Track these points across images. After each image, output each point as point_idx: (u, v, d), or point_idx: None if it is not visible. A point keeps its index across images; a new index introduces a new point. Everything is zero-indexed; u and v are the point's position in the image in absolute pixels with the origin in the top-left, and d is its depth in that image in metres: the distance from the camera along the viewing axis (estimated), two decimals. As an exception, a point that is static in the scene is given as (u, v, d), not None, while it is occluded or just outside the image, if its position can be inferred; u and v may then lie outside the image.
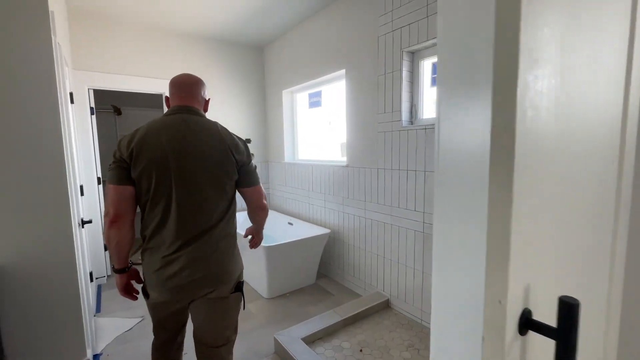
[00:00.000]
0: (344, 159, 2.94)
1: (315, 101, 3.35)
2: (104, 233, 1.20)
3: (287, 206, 3.69)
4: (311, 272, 2.95)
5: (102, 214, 3.09)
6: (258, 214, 1.39)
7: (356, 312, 2.28)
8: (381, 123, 2.40)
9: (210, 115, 3.36)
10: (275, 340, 1.99)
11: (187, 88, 1.27)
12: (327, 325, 2.12)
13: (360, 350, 1.96)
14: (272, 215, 3.75)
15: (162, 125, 1.17)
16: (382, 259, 2.52)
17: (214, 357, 1.31)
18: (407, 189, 2.25)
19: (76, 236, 1.66)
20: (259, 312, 2.48)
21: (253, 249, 1.64)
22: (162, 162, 1.12)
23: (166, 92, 3.27)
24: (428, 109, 2.24)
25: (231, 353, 1.36)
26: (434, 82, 2.17)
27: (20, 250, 1.45)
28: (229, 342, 1.33)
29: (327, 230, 2.90)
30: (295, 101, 3.66)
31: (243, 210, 1.89)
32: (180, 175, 1.13)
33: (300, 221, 3.34)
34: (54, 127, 1.49)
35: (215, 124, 1.26)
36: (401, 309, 2.38)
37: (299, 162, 3.47)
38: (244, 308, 1.35)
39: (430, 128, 2.06)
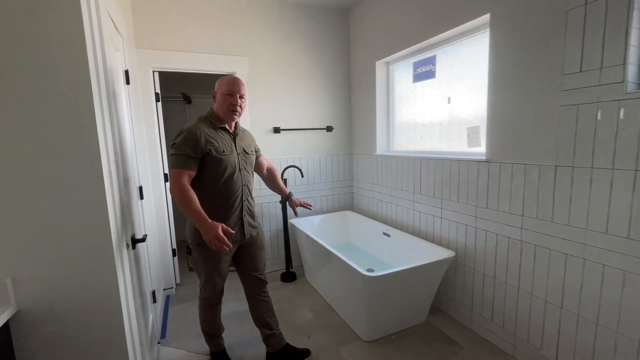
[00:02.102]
0: (480, 149, 2.02)
1: (424, 72, 2.47)
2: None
3: (379, 210, 2.91)
4: (423, 306, 2.14)
5: (172, 213, 2.69)
6: None
7: (523, 398, 1.41)
8: (569, 91, 1.43)
9: (280, 99, 2.66)
10: None
11: None
12: (482, 422, 1.30)
13: None
14: (359, 220, 3.02)
15: None
16: (551, 307, 1.59)
17: None
18: (623, 200, 1.29)
19: (120, 262, 1.12)
20: (358, 366, 1.77)
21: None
22: None
23: (238, 70, 2.71)
24: (684, 58, 1.21)
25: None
26: None
27: (39, 289, 1.00)
28: None
29: (451, 254, 2.04)
30: (393, 75, 2.82)
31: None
32: None
33: (401, 232, 2.54)
34: (85, 115, 0.97)
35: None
36: (600, 399, 1.44)
37: (398, 155, 2.64)
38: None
39: None
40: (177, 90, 3.70)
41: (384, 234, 2.69)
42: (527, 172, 1.65)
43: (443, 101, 2.33)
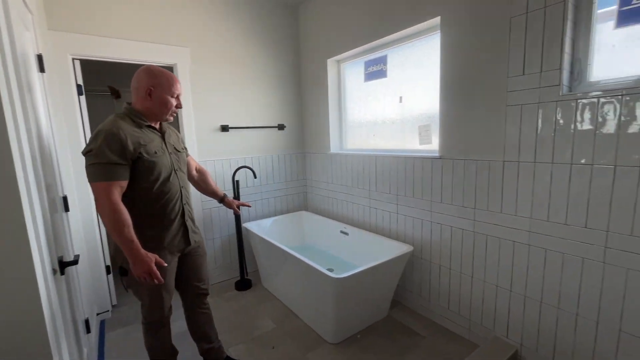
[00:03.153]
0: (432, 147, 2.12)
1: (375, 71, 2.51)
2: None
3: (335, 208, 2.90)
4: (385, 302, 2.18)
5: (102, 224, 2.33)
6: None
7: (485, 379, 1.51)
8: (515, 92, 1.56)
9: (228, 96, 2.52)
10: None
11: None
12: (454, 409, 1.36)
13: None
14: (315, 220, 2.98)
15: None
16: (502, 291, 1.73)
17: None
18: (561, 191, 1.45)
19: (46, 293, 0.90)
20: (329, 372, 1.72)
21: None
22: None
23: (179, 62, 2.44)
24: (604, 65, 1.40)
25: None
26: (623, 19, 1.33)
27: None
28: None
29: (409, 248, 2.10)
30: (344, 73, 2.82)
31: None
32: None
33: (358, 230, 2.56)
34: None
35: None
36: (545, 369, 1.61)
37: (353, 153, 2.65)
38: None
39: (616, 95, 1.23)
40: (106, 83, 3.21)
41: (342, 232, 2.69)
42: (477, 167, 1.76)
43: (395, 100, 2.39)
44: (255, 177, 2.67)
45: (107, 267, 2.35)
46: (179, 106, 1.41)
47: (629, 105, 1.23)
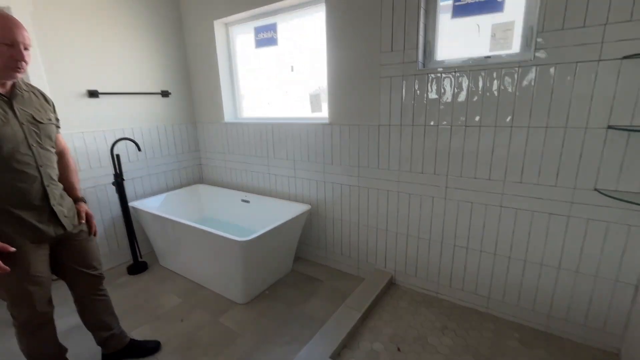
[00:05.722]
0: (321, 114, 2.32)
1: (266, 38, 2.52)
2: None
3: (233, 179, 2.90)
4: (289, 258, 2.39)
5: None
6: None
7: (371, 300, 1.89)
8: (386, 66, 1.86)
9: (94, 55, 2.19)
10: (297, 370, 1.45)
11: None
12: (349, 328, 1.68)
13: (399, 350, 1.62)
14: (213, 192, 2.93)
15: None
16: (380, 232, 2.15)
17: None
18: (418, 147, 1.86)
19: None
20: (241, 328, 1.84)
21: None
22: None
23: (13, 3, 1.91)
24: (445, 48, 1.80)
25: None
26: (456, 12, 1.72)
27: None
28: None
29: (306, 207, 2.33)
30: (234, 38, 2.72)
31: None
32: None
33: (259, 196, 2.66)
34: None
35: None
36: (411, 284, 2.11)
37: (248, 122, 2.66)
38: None
39: (451, 72, 1.64)
40: None
41: (243, 200, 2.74)
42: (359, 131, 2.06)
43: (287, 69, 2.48)
44: (139, 149, 2.41)
45: None
46: (19, 58, 1.11)
47: (459, 80, 1.65)
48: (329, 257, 2.47)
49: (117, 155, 2.33)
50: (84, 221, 1.41)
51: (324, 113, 2.30)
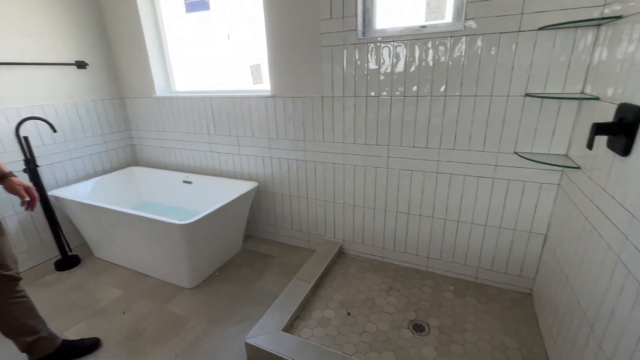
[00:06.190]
0: (263, 87, 2.21)
1: (196, 1, 2.28)
2: None
3: (172, 159, 2.70)
4: (238, 237, 2.34)
5: None
6: None
7: (321, 270, 1.95)
8: (326, 34, 1.80)
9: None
10: (250, 347, 1.46)
11: None
12: (301, 299, 1.72)
13: (348, 314, 1.70)
14: (150, 174, 2.71)
15: None
16: (328, 204, 2.18)
17: None
18: (361, 118, 1.87)
19: None
20: (191, 313, 1.78)
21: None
22: None
23: None
24: (384, 17, 1.78)
25: None
26: (393, -22, 1.70)
27: None
28: None
29: (253, 184, 2.26)
30: (158, 1, 2.41)
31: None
32: None
33: (202, 176, 2.52)
34: None
35: None
36: (359, 252, 2.21)
37: (184, 95, 2.45)
38: None
39: (389, 41, 1.65)
40: None
41: (185, 182, 2.57)
42: (303, 103, 2.01)
43: (223, 37, 2.29)
44: (54, 130, 2.10)
45: None
46: None
47: (397, 50, 1.66)
48: (280, 233, 2.46)
49: (25, 138, 2.00)
50: (27, 198, 1.29)
51: (266, 85, 2.20)
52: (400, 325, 1.61)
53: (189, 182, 2.56)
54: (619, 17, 1.11)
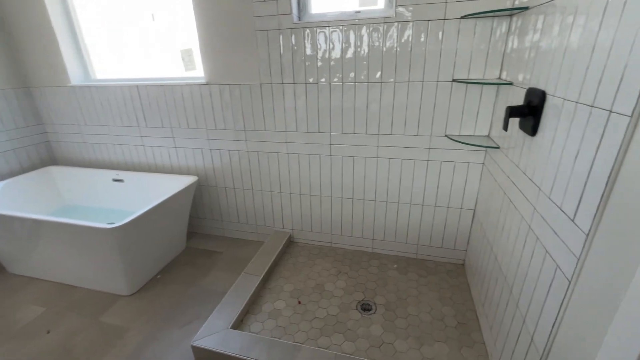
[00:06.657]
0: (197, 73, 2.06)
1: (111, -24, 2.01)
2: None
3: (98, 155, 2.43)
4: (180, 236, 2.21)
5: None
6: None
7: (270, 262, 1.92)
8: (260, 17, 1.71)
9: None
10: (197, 349, 1.39)
11: None
12: (250, 293, 1.68)
13: (299, 302, 1.71)
14: (73, 174, 2.42)
15: None
16: (275, 194, 2.15)
17: None
18: (301, 106, 1.85)
19: None
20: (130, 322, 1.65)
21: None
22: None
23: None
24: (318, 1, 1.75)
25: None
26: (325, -40, 1.66)
27: None
28: None
29: (193, 178, 2.13)
30: (63, -27, 2.09)
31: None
32: None
33: (135, 173, 2.31)
34: None
35: None
36: (308, 239, 2.22)
37: (106, 84, 2.18)
38: None
39: (325, 26, 1.63)
40: None
41: (115, 180, 2.33)
42: (241, 91, 1.91)
43: (148, 18, 2.07)
44: None
45: None
46: None
47: (332, 36, 1.65)
48: (226, 227, 2.37)
49: None
50: None
51: (199, 71, 2.05)
52: (349, 307, 1.66)
53: (120, 180, 2.33)
54: (526, 8, 1.22)
